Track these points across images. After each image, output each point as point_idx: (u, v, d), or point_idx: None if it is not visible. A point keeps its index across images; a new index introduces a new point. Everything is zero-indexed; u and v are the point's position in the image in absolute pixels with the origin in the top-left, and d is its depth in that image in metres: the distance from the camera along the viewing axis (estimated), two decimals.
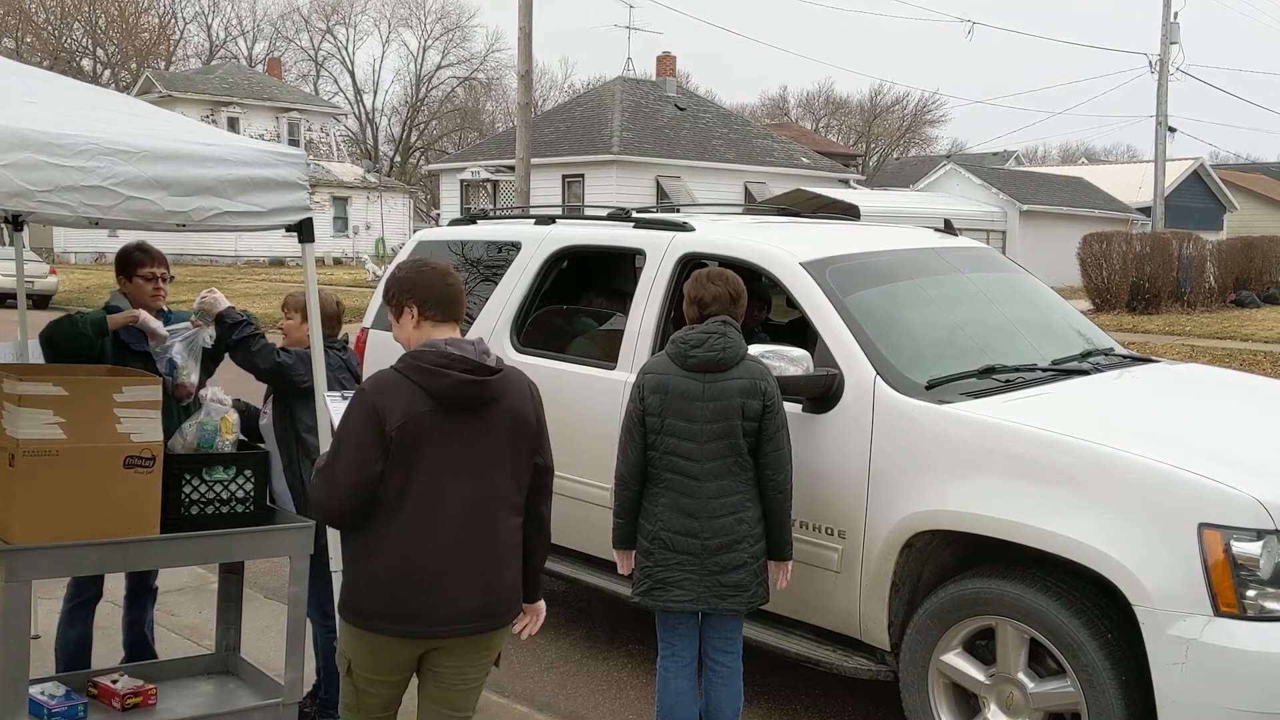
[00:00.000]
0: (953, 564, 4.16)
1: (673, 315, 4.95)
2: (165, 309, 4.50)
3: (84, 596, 4.51)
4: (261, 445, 4.33)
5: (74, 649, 4.49)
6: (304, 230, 3.86)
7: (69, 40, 57.80)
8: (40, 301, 23.23)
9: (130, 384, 3.72)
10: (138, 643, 4.69)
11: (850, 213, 19.92)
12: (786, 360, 4.22)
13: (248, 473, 3.99)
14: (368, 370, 5.27)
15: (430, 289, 3.08)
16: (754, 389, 3.92)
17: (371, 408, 2.94)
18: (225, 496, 3.96)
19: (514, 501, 3.10)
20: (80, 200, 3.28)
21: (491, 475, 3.04)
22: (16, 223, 4.98)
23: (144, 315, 4.29)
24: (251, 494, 4.00)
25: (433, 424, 2.95)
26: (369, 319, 6.41)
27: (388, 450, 2.92)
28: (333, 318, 4.52)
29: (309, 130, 47.78)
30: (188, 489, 3.84)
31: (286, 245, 39.96)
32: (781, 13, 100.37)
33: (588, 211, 10.69)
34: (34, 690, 3.79)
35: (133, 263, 4.42)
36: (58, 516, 3.53)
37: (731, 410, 3.89)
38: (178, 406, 4.25)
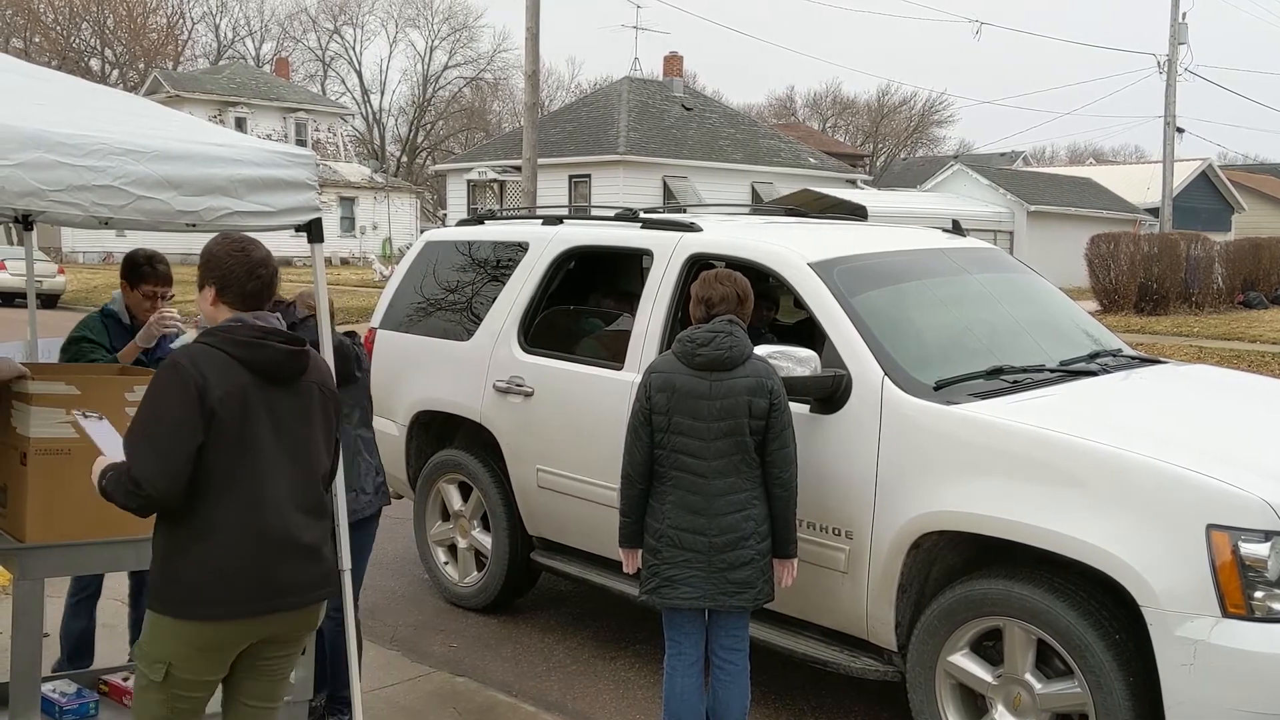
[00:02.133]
0: (960, 565, 4.16)
1: (680, 316, 4.95)
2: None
3: (87, 592, 4.61)
4: None
5: (77, 641, 4.60)
6: (313, 230, 3.87)
7: (77, 40, 57.96)
8: (48, 301, 23.30)
9: (141, 383, 3.72)
10: None
11: (858, 213, 19.90)
12: (794, 361, 4.22)
13: None
14: (376, 368, 5.26)
15: (232, 278, 2.99)
16: (760, 388, 3.93)
17: (191, 379, 2.81)
18: None
19: (326, 474, 3.09)
20: (92, 200, 3.29)
21: (310, 448, 3.01)
22: (26, 222, 5.00)
23: (152, 325, 4.34)
24: None
25: (255, 397, 2.89)
26: (377, 319, 6.43)
27: (209, 424, 2.81)
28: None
29: (316, 130, 47.85)
30: None
31: (294, 245, 39.83)
32: (789, 13, 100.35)
33: (594, 212, 10.71)
34: (46, 688, 3.82)
35: (141, 276, 4.44)
36: (69, 515, 3.55)
37: (738, 409, 3.90)
38: None
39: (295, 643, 3.08)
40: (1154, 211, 31.68)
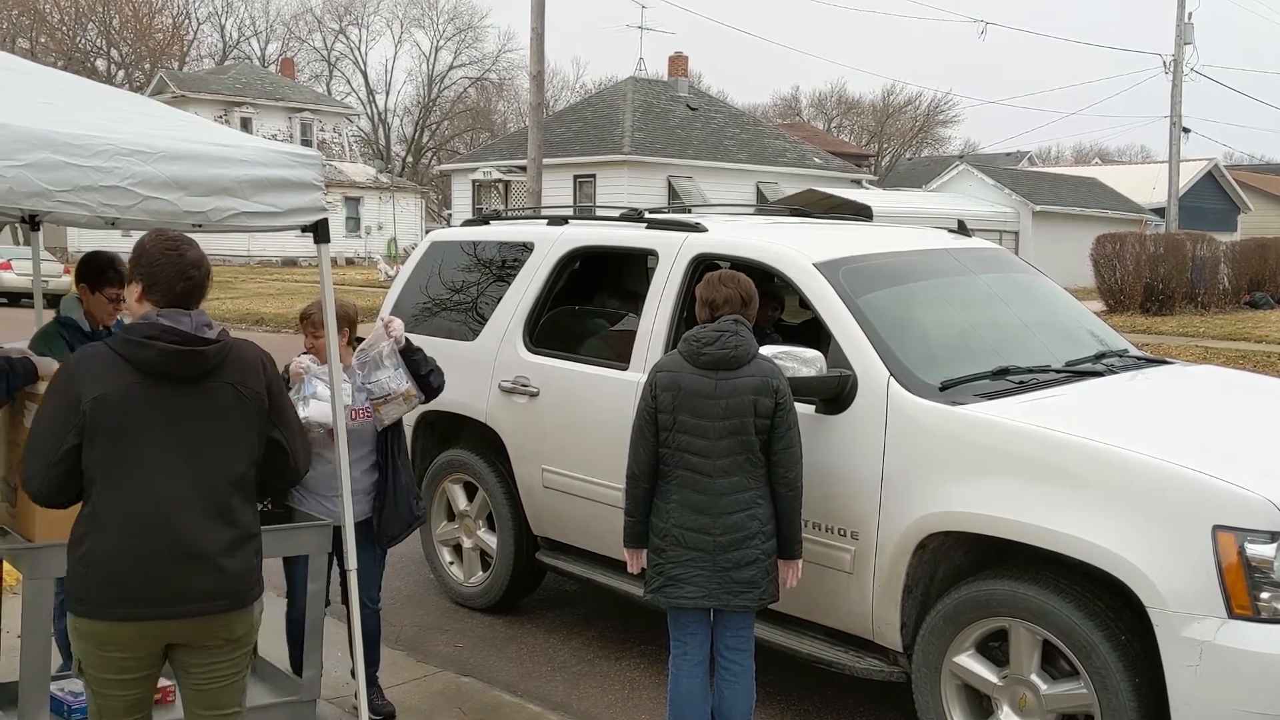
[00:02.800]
0: (966, 565, 4.16)
1: (685, 316, 4.95)
2: (121, 319, 4.56)
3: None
4: None
5: (68, 639, 4.57)
6: (319, 231, 3.88)
7: (83, 41, 58.05)
8: (54, 301, 23.31)
9: None
10: None
11: (863, 213, 19.90)
12: (799, 361, 4.22)
13: None
14: None
15: (160, 277, 2.93)
16: (766, 387, 3.93)
17: (68, 382, 2.86)
18: None
19: (246, 480, 2.98)
20: (99, 200, 3.30)
21: (216, 450, 2.91)
22: (33, 222, 5.02)
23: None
24: None
25: (142, 397, 2.84)
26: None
27: (83, 425, 2.81)
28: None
29: (321, 130, 47.89)
30: None
31: (299, 245, 40.03)
32: (794, 12, 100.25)
33: (600, 212, 10.69)
34: (54, 687, 3.83)
35: (105, 280, 4.39)
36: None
37: (743, 408, 3.90)
38: None
39: (213, 652, 2.95)
40: (1160, 211, 31.64)
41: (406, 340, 4.50)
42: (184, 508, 2.86)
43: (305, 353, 4.48)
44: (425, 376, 4.51)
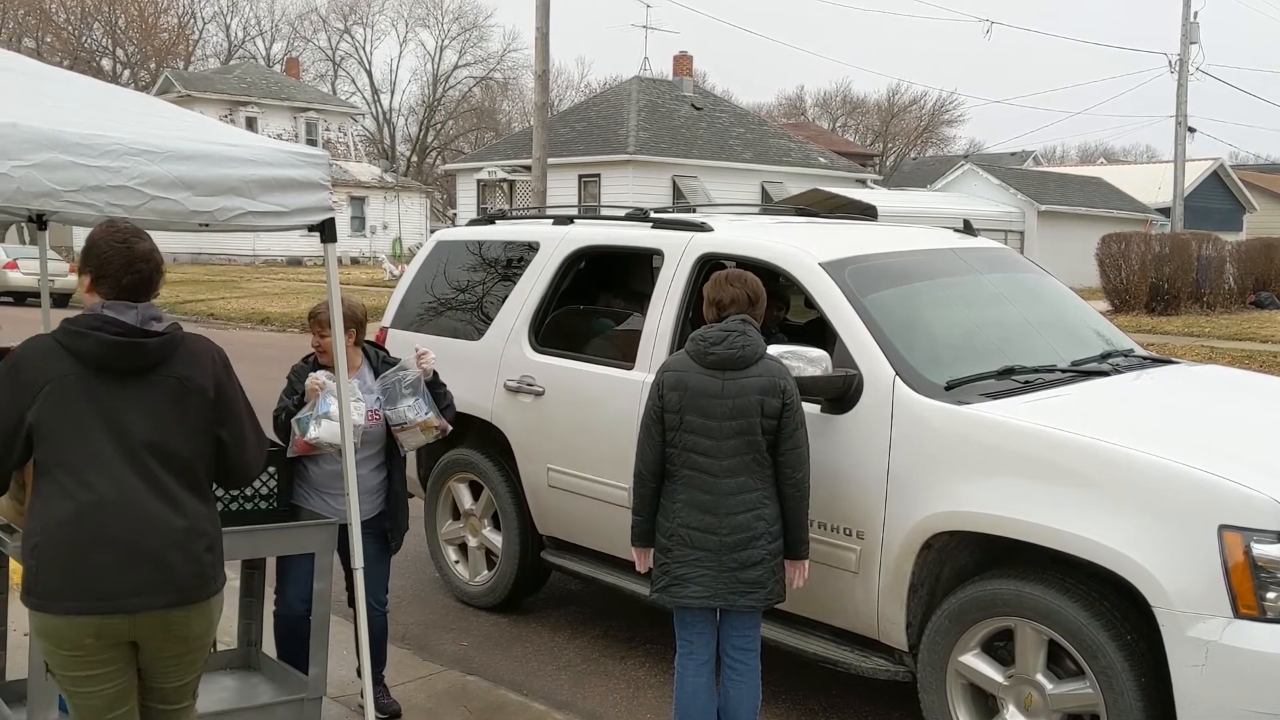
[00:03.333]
0: (971, 565, 4.16)
1: (691, 315, 4.96)
2: None
3: None
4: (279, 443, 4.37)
5: None
6: (326, 230, 3.88)
7: (89, 40, 58.17)
8: (61, 300, 23.39)
9: None
10: None
11: (868, 213, 19.88)
12: (805, 361, 4.22)
13: (271, 469, 4.03)
14: None
15: (108, 270, 2.90)
16: (773, 387, 3.93)
17: (13, 373, 2.84)
18: (249, 493, 4.01)
19: (194, 475, 2.95)
20: (106, 200, 3.30)
21: (161, 444, 2.88)
22: (40, 222, 5.03)
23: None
24: (275, 491, 4.04)
25: (84, 389, 2.82)
26: (388, 318, 6.45)
27: (31, 414, 2.80)
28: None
29: (326, 130, 47.95)
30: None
31: (304, 245, 40.07)
32: (799, 12, 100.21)
33: (605, 211, 10.69)
34: None
35: None
36: None
37: (750, 408, 3.90)
38: None
39: (165, 652, 2.92)
40: (1165, 211, 31.59)
41: (434, 374, 4.57)
42: (131, 502, 2.82)
43: (309, 356, 4.49)
44: (442, 410, 4.59)
